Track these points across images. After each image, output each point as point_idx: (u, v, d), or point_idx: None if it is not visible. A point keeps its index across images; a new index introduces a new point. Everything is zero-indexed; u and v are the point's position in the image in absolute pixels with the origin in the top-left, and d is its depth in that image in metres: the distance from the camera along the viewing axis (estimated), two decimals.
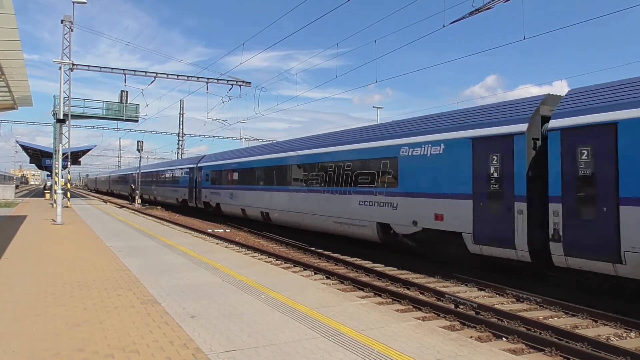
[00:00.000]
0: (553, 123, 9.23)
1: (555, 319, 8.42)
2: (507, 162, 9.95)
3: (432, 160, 11.72)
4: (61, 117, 24.17)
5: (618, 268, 8.14)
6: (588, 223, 8.58)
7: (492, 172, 10.25)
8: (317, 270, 12.38)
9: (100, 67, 31.75)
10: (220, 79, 32.75)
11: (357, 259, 13.94)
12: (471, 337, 7.04)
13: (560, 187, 8.92)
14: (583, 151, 8.72)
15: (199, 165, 30.25)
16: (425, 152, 11.90)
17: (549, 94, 10.40)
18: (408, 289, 10.37)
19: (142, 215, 29.93)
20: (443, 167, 11.39)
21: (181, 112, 57.98)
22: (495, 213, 10.12)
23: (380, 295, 9.85)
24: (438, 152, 11.58)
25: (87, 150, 48.82)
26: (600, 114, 8.53)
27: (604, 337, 7.37)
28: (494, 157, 10.22)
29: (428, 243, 12.38)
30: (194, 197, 30.65)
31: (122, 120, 35.82)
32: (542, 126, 9.81)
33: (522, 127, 9.79)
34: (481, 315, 8.29)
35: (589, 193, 8.59)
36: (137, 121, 36.41)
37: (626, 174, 8.11)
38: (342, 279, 11.24)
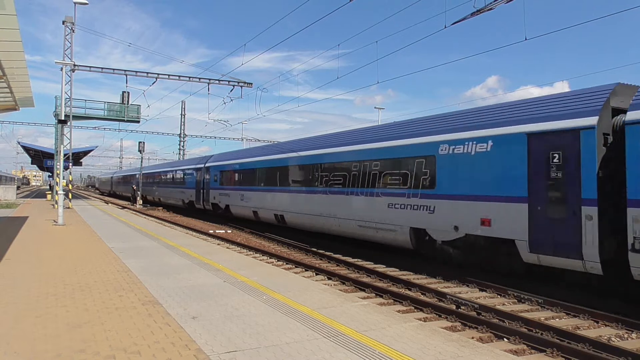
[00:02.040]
0: (632, 115, 7.96)
1: (557, 319, 8.41)
2: (572, 160, 8.64)
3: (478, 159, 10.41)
4: (62, 118, 24.24)
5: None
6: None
7: (553, 171, 8.91)
8: (318, 271, 12.38)
9: (102, 68, 31.86)
10: (222, 80, 32.88)
11: (359, 260, 13.93)
12: (472, 337, 7.04)
13: None
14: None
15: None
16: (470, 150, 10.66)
17: (619, 82, 8.98)
18: (409, 289, 10.36)
19: (144, 216, 29.95)
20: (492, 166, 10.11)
21: (183, 113, 58.01)
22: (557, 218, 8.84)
23: (381, 296, 9.84)
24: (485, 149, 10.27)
25: (89, 151, 48.87)
26: None
27: (606, 337, 7.35)
28: (555, 154, 8.91)
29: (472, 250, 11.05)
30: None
31: (123, 121, 35.90)
32: (613, 119, 8.58)
33: (592, 120, 8.44)
34: (482, 316, 8.28)
35: None
36: (138, 122, 36.50)
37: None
38: (343, 279, 11.23)
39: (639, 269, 7.68)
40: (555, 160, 8.99)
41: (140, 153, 43.53)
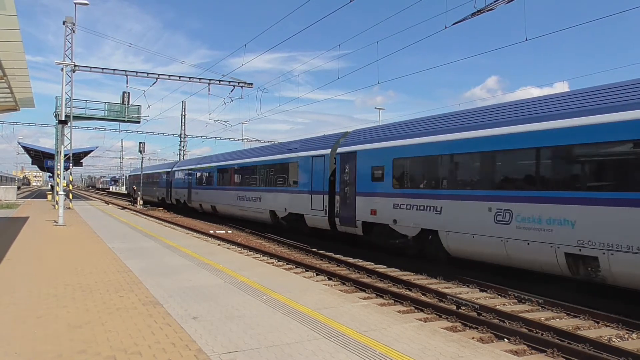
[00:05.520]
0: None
1: (557, 320, 8.41)
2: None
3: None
4: (63, 119, 24.25)
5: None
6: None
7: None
8: (319, 271, 12.38)
9: (103, 69, 31.94)
10: (222, 81, 32.93)
11: (359, 260, 13.93)
12: (473, 338, 7.04)
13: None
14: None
15: None
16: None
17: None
18: (410, 290, 10.36)
19: (144, 216, 29.95)
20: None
21: (183, 113, 58.02)
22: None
23: (382, 297, 9.84)
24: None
25: (89, 152, 48.94)
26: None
27: (606, 338, 7.36)
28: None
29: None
30: None
31: (123, 121, 35.98)
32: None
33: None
34: (483, 316, 8.28)
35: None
36: (139, 122, 36.57)
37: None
38: (344, 280, 11.24)
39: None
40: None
41: (141, 153, 43.62)
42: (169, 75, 32.54)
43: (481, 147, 10.85)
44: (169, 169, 38.83)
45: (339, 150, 15.92)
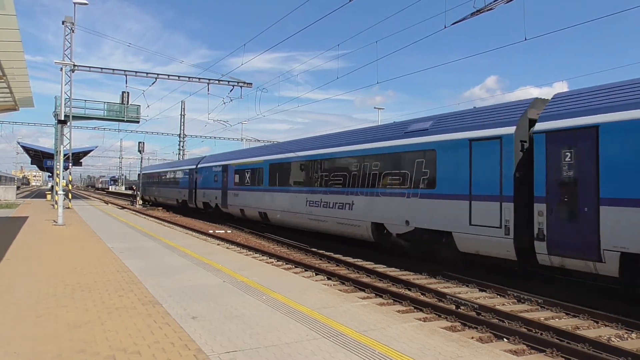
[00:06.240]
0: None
1: (557, 319, 8.42)
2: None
3: None
4: (62, 119, 24.24)
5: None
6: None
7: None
8: (318, 271, 12.38)
9: (102, 68, 31.87)
10: (221, 80, 32.90)
11: (359, 260, 13.93)
12: (472, 337, 7.04)
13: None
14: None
15: None
16: None
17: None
18: (409, 289, 10.36)
19: (143, 216, 29.95)
20: None
21: (182, 113, 58.01)
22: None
23: (381, 296, 9.85)
24: None
25: (89, 152, 48.89)
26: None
27: (605, 337, 7.36)
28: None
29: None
30: None
31: (123, 121, 35.93)
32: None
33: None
34: (482, 316, 8.29)
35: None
36: (138, 122, 36.53)
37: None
38: (343, 279, 11.24)
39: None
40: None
41: (140, 153, 43.59)
42: (169, 75, 32.54)
43: None
44: (193, 166, 32.43)
45: (542, 126, 9.39)
